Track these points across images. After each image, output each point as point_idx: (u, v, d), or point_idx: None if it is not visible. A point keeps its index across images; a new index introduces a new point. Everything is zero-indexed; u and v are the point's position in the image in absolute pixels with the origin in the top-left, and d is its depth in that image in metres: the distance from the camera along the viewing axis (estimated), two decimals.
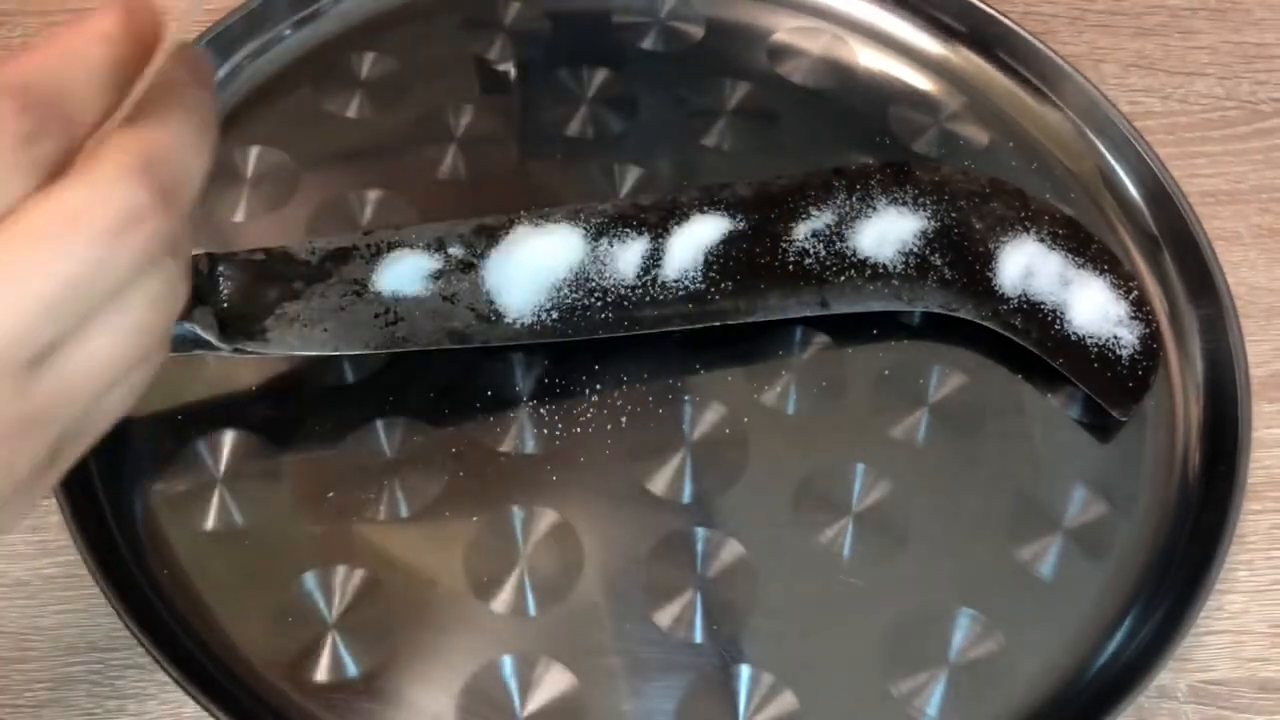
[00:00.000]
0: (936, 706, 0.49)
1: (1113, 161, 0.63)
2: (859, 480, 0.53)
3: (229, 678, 0.47)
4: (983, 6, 0.65)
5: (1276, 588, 0.54)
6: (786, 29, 0.66)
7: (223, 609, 0.48)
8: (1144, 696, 0.51)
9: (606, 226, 0.56)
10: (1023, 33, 0.64)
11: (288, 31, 0.63)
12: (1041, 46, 0.64)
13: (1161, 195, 0.61)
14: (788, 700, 0.48)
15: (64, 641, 0.49)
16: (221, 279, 0.51)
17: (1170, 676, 0.52)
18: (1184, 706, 0.51)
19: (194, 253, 0.52)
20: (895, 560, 0.52)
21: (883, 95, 0.64)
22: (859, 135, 0.62)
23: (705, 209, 0.57)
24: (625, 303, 0.54)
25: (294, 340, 0.51)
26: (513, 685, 0.48)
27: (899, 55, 0.66)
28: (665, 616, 0.49)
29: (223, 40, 0.60)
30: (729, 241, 0.56)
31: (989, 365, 0.56)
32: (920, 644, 0.50)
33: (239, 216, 0.57)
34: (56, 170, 0.28)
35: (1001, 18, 0.65)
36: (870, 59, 0.66)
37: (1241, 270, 0.62)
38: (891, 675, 0.49)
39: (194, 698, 0.44)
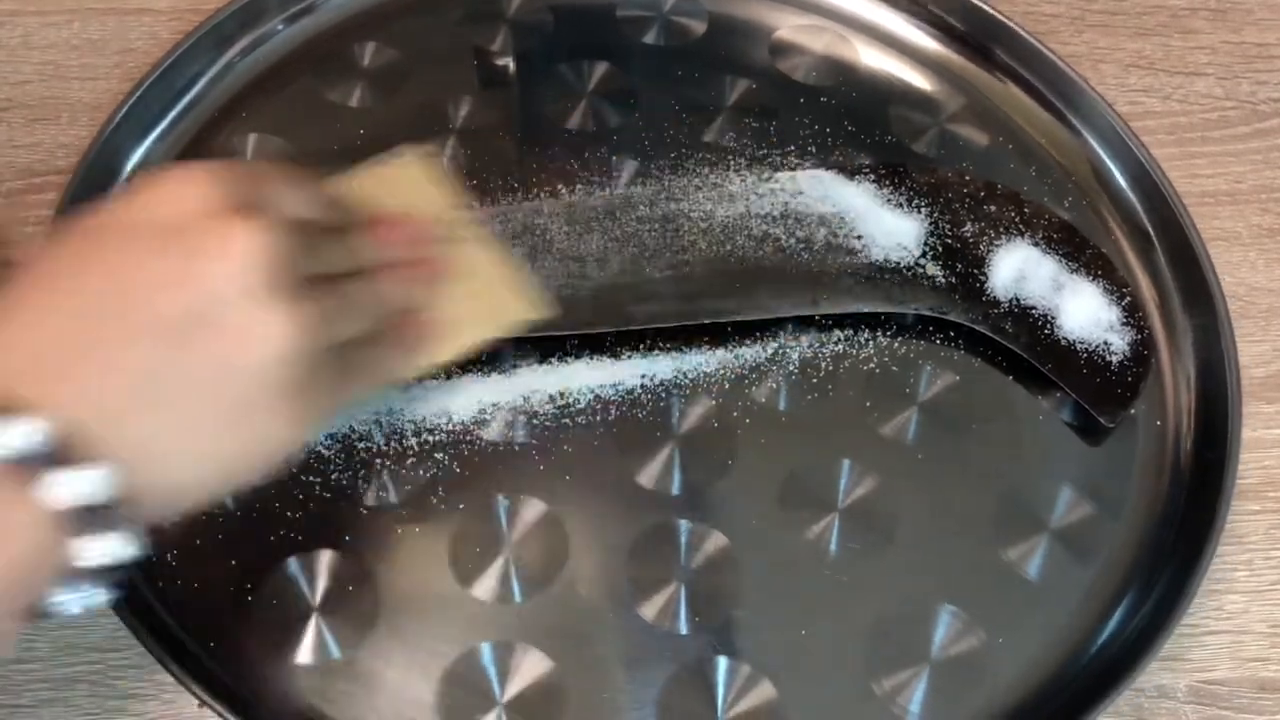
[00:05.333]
0: (919, 703, 0.49)
1: (1110, 164, 0.63)
2: (845, 476, 0.53)
3: (213, 659, 0.47)
4: (984, 7, 0.65)
5: (1276, 588, 0.54)
6: (789, 26, 0.66)
7: (209, 592, 0.49)
8: (1144, 697, 0.51)
9: (600, 222, 0.56)
10: (1023, 33, 0.64)
11: (280, 26, 0.63)
12: (1041, 48, 0.64)
13: (1158, 198, 0.61)
14: (767, 691, 0.48)
15: (64, 641, 0.49)
16: None
17: (1170, 676, 0.52)
18: (1184, 706, 0.51)
19: None
20: (880, 557, 0.52)
21: (883, 95, 0.65)
22: (859, 134, 0.62)
23: (699, 205, 0.57)
24: (617, 299, 0.54)
25: None
26: (493, 671, 0.48)
27: (901, 55, 0.66)
28: (649, 608, 0.50)
29: (215, 36, 0.61)
30: (721, 239, 0.56)
31: (980, 365, 0.56)
32: (903, 640, 0.50)
33: None
34: None
35: (1002, 18, 0.65)
36: (872, 58, 0.66)
37: (1241, 270, 0.62)
38: (874, 671, 0.49)
39: (174, 675, 0.45)
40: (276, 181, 0.43)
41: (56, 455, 0.35)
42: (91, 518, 0.35)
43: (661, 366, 0.55)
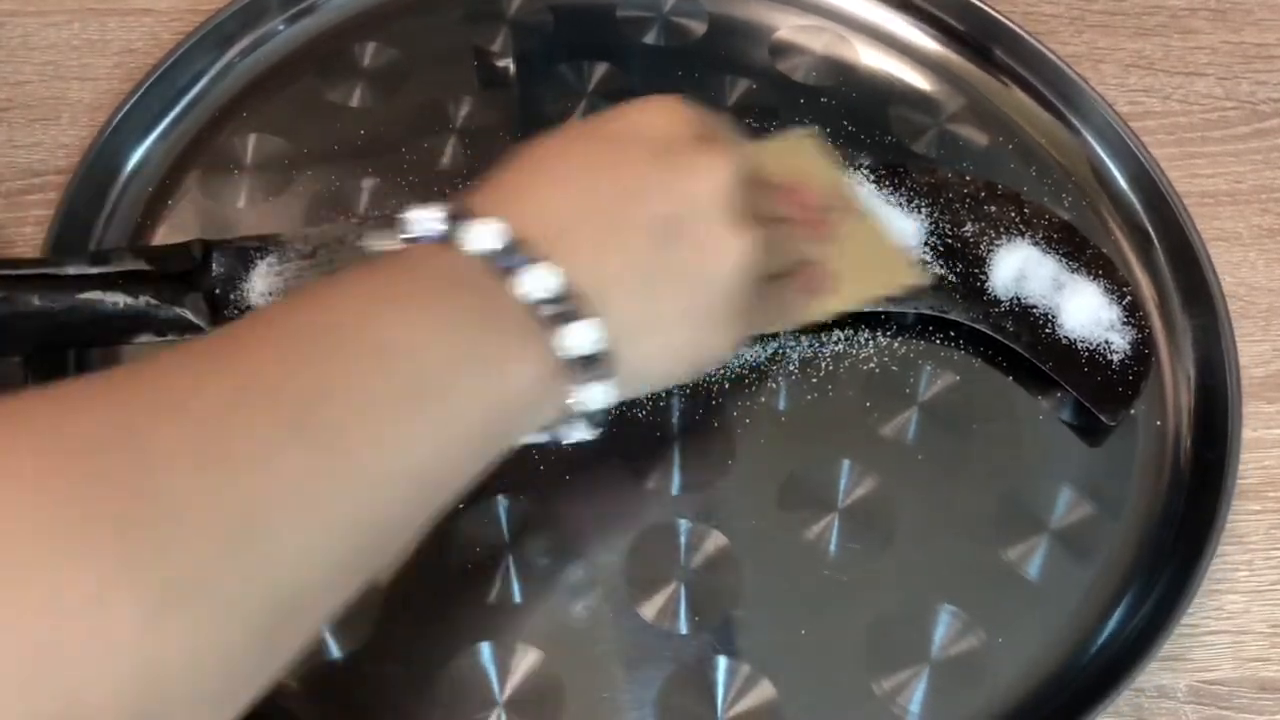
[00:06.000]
0: (919, 703, 0.49)
1: (1110, 164, 0.62)
2: (845, 476, 0.53)
3: None
4: (983, 7, 0.65)
5: (1276, 588, 0.54)
6: (789, 27, 0.66)
7: None
8: (1144, 697, 0.51)
9: None
10: (1023, 34, 0.64)
11: (281, 26, 0.63)
12: (1041, 48, 0.64)
13: (1158, 199, 0.60)
14: (766, 691, 0.48)
15: None
16: (215, 265, 0.52)
17: (1170, 676, 0.52)
18: (1184, 706, 0.51)
19: (188, 239, 0.53)
20: (880, 556, 0.52)
21: (883, 95, 0.65)
22: (859, 134, 0.62)
23: None
24: None
25: None
26: (493, 671, 0.48)
27: (900, 55, 0.66)
28: (649, 607, 0.50)
29: (215, 36, 0.61)
30: None
31: (981, 365, 0.56)
32: (903, 640, 0.50)
33: (240, 203, 0.58)
34: None
35: (1002, 18, 0.65)
36: (872, 58, 0.66)
37: (1241, 270, 0.62)
38: (874, 671, 0.49)
39: None
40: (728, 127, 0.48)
41: (565, 307, 0.40)
42: (582, 366, 0.41)
43: None
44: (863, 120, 0.63)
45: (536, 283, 0.39)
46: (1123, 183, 0.62)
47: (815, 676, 0.49)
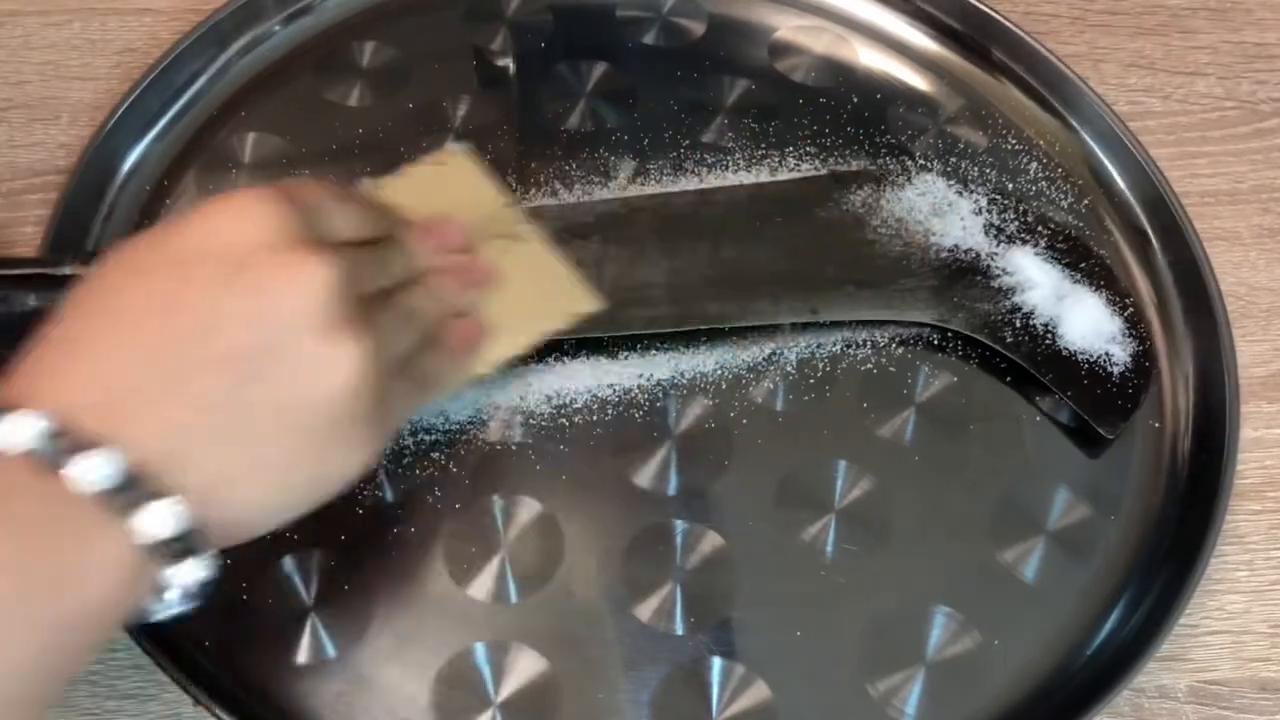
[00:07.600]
0: (914, 705, 0.49)
1: (1110, 164, 0.62)
2: (841, 477, 0.53)
3: (209, 659, 0.47)
4: (983, 7, 0.65)
5: (1276, 588, 0.54)
6: (788, 27, 0.66)
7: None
8: (1145, 697, 0.51)
9: (598, 227, 0.56)
10: (1022, 34, 0.64)
11: (279, 26, 0.64)
12: (1040, 48, 0.64)
13: (1157, 199, 0.60)
14: (761, 692, 0.48)
15: None
16: None
17: (1171, 677, 0.52)
18: (1184, 706, 0.51)
19: None
20: (876, 558, 0.52)
21: (883, 95, 0.64)
22: (858, 135, 0.62)
23: (699, 211, 0.57)
24: (614, 303, 0.54)
25: None
26: (488, 671, 0.48)
27: (900, 55, 0.66)
28: (645, 608, 0.50)
29: (214, 35, 0.61)
30: (721, 245, 0.56)
31: (978, 367, 0.56)
32: (899, 642, 0.50)
33: None
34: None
35: (1002, 19, 0.65)
36: (872, 59, 0.66)
37: (1242, 270, 0.62)
38: (869, 672, 0.49)
39: (170, 674, 0.45)
40: (323, 200, 0.42)
41: (132, 489, 0.35)
42: (168, 546, 0.36)
43: (659, 366, 0.55)
44: (862, 120, 0.63)
45: (95, 470, 0.35)
46: (1122, 183, 0.62)
47: (811, 678, 0.49)
